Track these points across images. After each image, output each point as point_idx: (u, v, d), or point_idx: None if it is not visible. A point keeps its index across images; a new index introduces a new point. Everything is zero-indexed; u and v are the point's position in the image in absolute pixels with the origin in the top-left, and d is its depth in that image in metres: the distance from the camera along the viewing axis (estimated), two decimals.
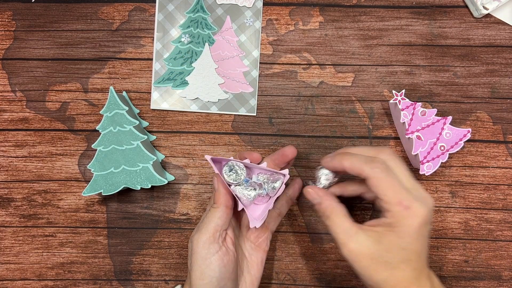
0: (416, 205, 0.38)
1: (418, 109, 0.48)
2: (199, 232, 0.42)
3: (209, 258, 0.41)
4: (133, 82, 0.53)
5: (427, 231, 0.39)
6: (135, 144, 0.50)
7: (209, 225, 0.42)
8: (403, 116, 0.48)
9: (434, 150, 0.48)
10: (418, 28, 0.53)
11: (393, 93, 0.49)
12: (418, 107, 0.48)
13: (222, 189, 0.43)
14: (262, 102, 0.53)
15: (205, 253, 0.41)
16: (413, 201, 0.38)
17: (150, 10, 0.53)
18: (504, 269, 0.52)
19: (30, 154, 0.54)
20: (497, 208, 0.52)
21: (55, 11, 0.54)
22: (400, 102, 0.48)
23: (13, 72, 0.54)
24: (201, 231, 0.42)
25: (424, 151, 0.48)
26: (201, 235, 0.41)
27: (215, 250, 0.41)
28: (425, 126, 0.48)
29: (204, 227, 0.42)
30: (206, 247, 0.41)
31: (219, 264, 0.41)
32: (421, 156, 0.48)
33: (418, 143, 0.48)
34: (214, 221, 0.42)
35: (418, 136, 0.48)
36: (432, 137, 0.48)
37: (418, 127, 0.48)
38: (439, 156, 0.48)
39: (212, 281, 0.41)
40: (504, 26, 0.52)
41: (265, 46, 0.53)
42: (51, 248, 0.54)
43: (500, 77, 0.52)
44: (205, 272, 0.41)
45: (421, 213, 0.38)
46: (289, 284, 0.53)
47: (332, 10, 0.53)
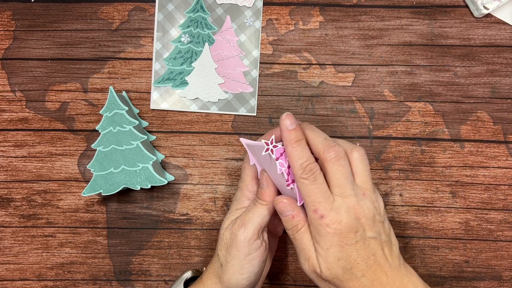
0: (331, 214, 0.37)
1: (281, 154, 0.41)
2: (244, 227, 0.41)
3: (252, 254, 0.41)
4: (133, 82, 0.53)
5: (355, 239, 0.38)
6: (135, 144, 0.50)
7: (255, 222, 0.41)
8: (280, 165, 0.40)
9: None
10: (418, 28, 0.53)
11: (263, 142, 0.40)
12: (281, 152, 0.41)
13: (272, 187, 0.42)
14: (262, 102, 0.53)
15: (249, 249, 0.41)
16: (329, 211, 0.37)
17: (150, 10, 0.53)
18: (504, 269, 0.52)
19: (29, 154, 0.54)
20: (497, 208, 0.52)
21: (54, 11, 0.54)
22: (273, 151, 0.39)
23: (12, 72, 0.54)
24: (246, 226, 0.41)
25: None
26: (247, 231, 0.41)
27: (257, 246, 0.41)
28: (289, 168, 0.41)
29: (250, 222, 0.41)
30: (250, 243, 0.41)
31: (260, 259, 0.42)
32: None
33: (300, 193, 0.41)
34: (261, 218, 0.41)
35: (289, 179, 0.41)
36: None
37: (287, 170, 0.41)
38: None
39: (251, 276, 0.41)
40: (505, 26, 0.52)
41: (265, 46, 0.53)
42: (50, 248, 0.53)
43: (500, 77, 0.52)
44: (246, 267, 0.41)
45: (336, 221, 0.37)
46: (289, 284, 0.53)
47: (332, 10, 0.53)
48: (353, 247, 0.38)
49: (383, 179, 0.52)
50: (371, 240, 0.38)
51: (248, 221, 0.41)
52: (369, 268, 0.38)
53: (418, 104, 0.53)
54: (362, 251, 0.38)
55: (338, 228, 0.37)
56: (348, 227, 0.38)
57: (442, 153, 0.52)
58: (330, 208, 0.38)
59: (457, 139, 0.52)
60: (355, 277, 0.38)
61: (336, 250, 0.38)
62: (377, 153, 0.53)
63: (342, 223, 0.37)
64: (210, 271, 0.44)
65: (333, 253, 0.38)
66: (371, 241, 0.38)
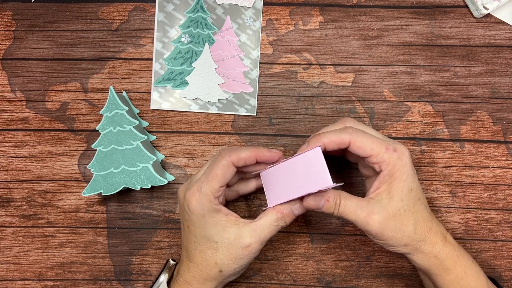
0: (399, 146, 0.41)
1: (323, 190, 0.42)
2: (256, 237, 0.43)
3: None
4: (133, 82, 0.53)
5: (414, 172, 0.42)
6: (135, 144, 0.50)
7: (266, 236, 0.43)
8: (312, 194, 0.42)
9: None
10: (418, 28, 0.53)
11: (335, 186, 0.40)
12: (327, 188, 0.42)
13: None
14: (262, 102, 0.53)
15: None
16: (395, 144, 0.41)
17: (150, 10, 0.53)
18: (504, 269, 0.52)
19: (30, 154, 0.54)
20: (497, 208, 0.52)
21: (55, 11, 0.54)
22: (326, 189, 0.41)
23: (13, 72, 0.54)
24: (252, 242, 0.43)
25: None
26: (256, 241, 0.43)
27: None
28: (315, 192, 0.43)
29: (262, 233, 0.43)
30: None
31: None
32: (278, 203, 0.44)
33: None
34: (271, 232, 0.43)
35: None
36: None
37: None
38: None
39: (244, 264, 0.44)
40: (504, 26, 0.52)
41: (265, 46, 0.53)
42: (51, 248, 0.53)
43: (500, 77, 0.52)
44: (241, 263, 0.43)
45: (407, 151, 0.41)
46: (289, 284, 0.53)
47: (332, 10, 0.53)
48: (416, 179, 0.42)
49: None
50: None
51: (266, 238, 0.43)
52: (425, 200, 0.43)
53: (418, 104, 0.53)
54: (419, 185, 0.43)
55: (409, 157, 0.41)
56: (410, 160, 0.42)
57: (442, 153, 0.53)
58: (393, 143, 0.42)
59: (457, 139, 0.52)
60: (423, 207, 0.42)
61: (410, 181, 0.41)
62: None
63: (407, 155, 0.42)
64: (201, 277, 0.44)
65: (408, 184, 0.41)
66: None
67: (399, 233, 0.41)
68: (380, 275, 0.53)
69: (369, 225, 0.41)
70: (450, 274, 0.42)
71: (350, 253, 0.53)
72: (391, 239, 0.41)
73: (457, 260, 0.42)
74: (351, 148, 0.41)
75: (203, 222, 0.42)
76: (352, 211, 0.41)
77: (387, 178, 0.41)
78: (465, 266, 0.43)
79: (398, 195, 0.41)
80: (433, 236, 0.42)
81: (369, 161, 0.42)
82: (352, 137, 0.41)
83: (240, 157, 0.42)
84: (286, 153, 0.53)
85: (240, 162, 0.42)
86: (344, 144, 0.41)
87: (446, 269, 0.42)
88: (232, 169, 0.42)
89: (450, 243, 0.43)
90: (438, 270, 0.42)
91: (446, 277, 0.42)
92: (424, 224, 0.42)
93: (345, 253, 0.53)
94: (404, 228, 0.41)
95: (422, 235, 0.42)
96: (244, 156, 0.42)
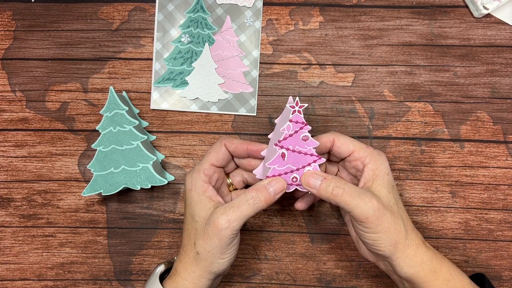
0: (375, 150, 0.44)
1: (304, 132, 0.43)
2: (229, 223, 0.42)
3: (234, 241, 0.43)
4: (133, 82, 0.53)
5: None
6: (135, 144, 0.50)
7: (243, 217, 0.42)
8: (287, 127, 0.43)
9: (286, 175, 0.43)
10: (418, 28, 0.53)
11: (293, 99, 0.43)
12: (306, 131, 0.43)
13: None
14: (262, 102, 0.53)
15: (231, 239, 0.42)
16: (371, 147, 0.45)
17: (150, 10, 0.53)
18: (504, 269, 0.52)
19: (30, 154, 0.54)
20: (497, 208, 0.52)
21: (55, 11, 0.54)
22: (295, 112, 0.43)
23: (13, 72, 0.54)
24: (232, 222, 0.42)
25: (277, 170, 0.43)
26: (232, 226, 0.42)
27: (238, 233, 0.43)
28: (296, 151, 0.43)
29: (239, 219, 0.42)
30: (234, 236, 0.42)
31: (238, 241, 0.44)
32: (271, 172, 0.43)
33: (278, 160, 0.43)
34: (251, 213, 0.43)
35: (283, 154, 0.43)
36: (294, 164, 0.43)
37: (290, 146, 0.43)
38: (286, 184, 0.43)
39: (232, 258, 0.44)
40: (504, 26, 0.52)
41: (265, 46, 0.53)
42: (51, 248, 0.53)
43: (500, 77, 0.52)
44: (228, 252, 0.43)
45: (383, 153, 0.44)
46: (289, 284, 0.53)
47: (332, 10, 0.53)
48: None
49: None
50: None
51: (237, 216, 0.41)
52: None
53: (418, 104, 0.53)
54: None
55: (385, 157, 0.45)
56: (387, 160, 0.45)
57: (442, 153, 0.53)
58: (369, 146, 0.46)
59: (457, 139, 0.52)
60: (403, 206, 0.44)
61: (391, 177, 0.44)
62: None
63: (384, 155, 0.45)
64: (185, 261, 0.44)
65: (391, 178, 0.44)
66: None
67: (392, 227, 0.40)
68: (380, 275, 0.53)
69: (369, 211, 0.39)
70: (438, 277, 0.41)
71: (350, 253, 0.53)
72: (385, 231, 0.40)
73: (441, 262, 0.42)
74: (334, 145, 0.45)
75: (190, 198, 0.44)
76: (352, 195, 0.40)
77: (371, 173, 0.43)
78: (448, 267, 0.42)
79: (385, 187, 0.42)
80: (416, 237, 0.42)
81: (352, 158, 0.44)
82: (336, 137, 0.45)
83: (232, 142, 0.45)
84: None
85: (232, 146, 0.45)
86: (329, 142, 0.45)
87: (433, 272, 0.41)
88: (223, 150, 0.45)
89: (429, 246, 0.43)
90: (426, 275, 0.41)
91: (435, 281, 0.41)
92: (408, 223, 0.42)
93: (345, 253, 0.53)
94: (396, 222, 0.41)
95: (409, 235, 0.41)
96: (236, 142, 0.45)
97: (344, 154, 0.45)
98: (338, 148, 0.45)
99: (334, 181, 0.41)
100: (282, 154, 0.43)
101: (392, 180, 0.43)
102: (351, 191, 0.40)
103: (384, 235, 0.40)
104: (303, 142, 0.43)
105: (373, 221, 0.40)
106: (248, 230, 0.53)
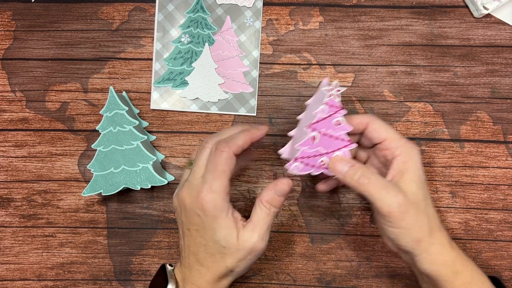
0: (409, 142, 0.43)
1: (338, 117, 0.42)
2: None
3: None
4: (133, 82, 0.53)
5: None
6: (135, 144, 0.50)
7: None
8: (321, 109, 0.41)
9: (314, 158, 0.43)
10: (418, 28, 0.53)
11: (332, 83, 0.42)
12: (340, 115, 0.42)
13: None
14: (262, 102, 0.53)
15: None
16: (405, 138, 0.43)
17: (150, 10, 0.53)
18: (504, 269, 0.52)
19: (30, 154, 0.54)
20: (497, 208, 0.52)
21: (55, 11, 0.54)
22: (331, 96, 0.42)
23: (13, 72, 0.54)
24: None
25: (306, 153, 0.42)
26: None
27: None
28: (327, 135, 0.42)
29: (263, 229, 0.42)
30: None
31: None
32: (299, 154, 0.42)
33: (308, 142, 0.42)
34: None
35: (314, 137, 0.42)
36: (324, 148, 0.42)
37: (322, 129, 0.42)
38: (313, 166, 0.43)
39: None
40: (504, 26, 0.52)
41: (265, 46, 0.53)
42: (51, 248, 0.53)
43: (500, 77, 0.52)
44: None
45: (416, 146, 0.43)
46: (289, 284, 0.53)
47: (332, 10, 0.53)
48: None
49: None
50: None
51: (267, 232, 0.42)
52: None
53: (418, 104, 0.53)
54: None
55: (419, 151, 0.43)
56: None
57: (442, 153, 0.53)
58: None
59: (456, 139, 0.52)
60: (431, 203, 0.43)
61: (422, 172, 0.42)
62: None
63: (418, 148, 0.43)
64: (208, 279, 0.43)
65: (422, 173, 0.42)
66: None
67: (416, 224, 0.39)
68: (380, 275, 0.53)
69: (392, 206, 0.39)
70: (459, 278, 0.41)
71: (350, 253, 0.53)
72: (408, 227, 0.39)
73: (464, 264, 0.41)
74: (367, 130, 0.43)
75: (215, 224, 0.41)
76: (377, 186, 0.39)
77: (401, 166, 0.41)
78: (471, 270, 0.41)
79: (415, 182, 0.41)
80: (441, 236, 0.41)
81: (383, 146, 0.43)
82: (371, 121, 0.43)
83: (238, 145, 0.42)
84: None
85: (239, 150, 0.42)
86: (362, 125, 0.43)
87: (455, 273, 0.41)
88: (234, 160, 0.42)
89: (454, 246, 0.42)
90: (447, 275, 0.41)
91: (455, 282, 0.40)
92: (435, 222, 0.41)
93: (345, 253, 0.53)
94: (421, 219, 0.40)
95: (433, 233, 0.40)
96: (242, 144, 0.42)
97: (376, 140, 0.43)
98: (370, 133, 0.43)
99: (361, 170, 0.40)
100: (313, 137, 0.42)
101: (423, 175, 0.42)
102: (377, 182, 0.40)
103: (406, 231, 0.40)
104: (336, 126, 0.42)
105: (395, 216, 0.39)
106: None
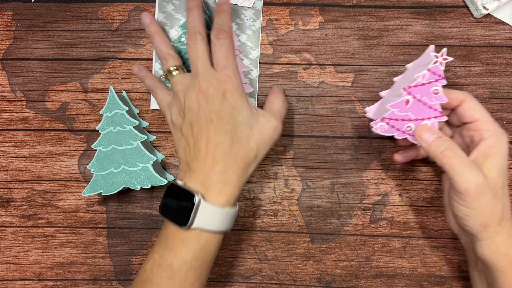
0: (500, 128, 0.42)
1: (437, 85, 0.42)
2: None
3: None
4: (133, 82, 0.53)
5: None
6: (135, 144, 0.50)
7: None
8: (422, 75, 0.41)
9: (402, 122, 0.43)
10: (418, 28, 0.53)
11: (442, 49, 0.42)
12: (440, 85, 0.42)
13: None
14: (262, 102, 0.53)
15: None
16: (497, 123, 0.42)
17: (150, 10, 0.53)
18: None
19: (30, 154, 0.54)
20: None
21: (55, 11, 0.54)
22: (437, 62, 0.41)
23: (13, 72, 0.54)
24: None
25: (395, 115, 0.42)
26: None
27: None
28: (422, 101, 0.42)
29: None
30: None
31: None
32: (388, 114, 0.43)
33: (400, 104, 0.42)
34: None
35: (408, 100, 0.42)
36: (415, 114, 0.42)
37: (418, 94, 0.42)
38: (398, 129, 0.43)
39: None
40: (504, 26, 0.52)
41: (265, 46, 0.53)
42: (51, 248, 0.54)
43: (500, 77, 0.52)
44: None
45: (506, 134, 0.42)
46: (289, 284, 0.53)
47: (332, 10, 0.53)
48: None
49: (383, 179, 0.53)
50: None
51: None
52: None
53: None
54: None
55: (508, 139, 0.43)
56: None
57: None
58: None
59: None
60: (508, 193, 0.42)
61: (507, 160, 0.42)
62: (377, 153, 0.53)
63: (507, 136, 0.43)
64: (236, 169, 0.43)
65: (507, 161, 0.42)
66: None
67: (489, 208, 0.39)
68: (380, 275, 0.53)
69: (471, 184, 0.38)
70: None
71: (350, 253, 0.53)
72: (480, 210, 0.39)
73: None
74: (461, 106, 0.43)
75: (241, 105, 0.43)
76: (461, 162, 0.39)
77: (487, 150, 0.41)
78: None
79: (498, 168, 0.40)
80: (510, 227, 0.40)
81: (473, 127, 0.43)
82: (467, 98, 0.43)
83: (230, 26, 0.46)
84: (286, 153, 0.53)
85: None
86: (457, 101, 0.43)
87: None
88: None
89: None
90: (505, 266, 0.40)
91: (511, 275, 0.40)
92: (507, 212, 0.40)
93: (345, 253, 0.53)
94: (495, 205, 0.39)
95: (503, 222, 0.40)
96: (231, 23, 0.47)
97: (467, 119, 0.43)
98: (464, 110, 0.43)
99: (448, 143, 0.40)
100: (406, 100, 0.42)
101: (506, 164, 0.41)
102: (462, 158, 0.40)
103: (477, 213, 0.39)
104: (433, 94, 0.42)
105: (471, 196, 0.39)
106: (248, 230, 0.53)
